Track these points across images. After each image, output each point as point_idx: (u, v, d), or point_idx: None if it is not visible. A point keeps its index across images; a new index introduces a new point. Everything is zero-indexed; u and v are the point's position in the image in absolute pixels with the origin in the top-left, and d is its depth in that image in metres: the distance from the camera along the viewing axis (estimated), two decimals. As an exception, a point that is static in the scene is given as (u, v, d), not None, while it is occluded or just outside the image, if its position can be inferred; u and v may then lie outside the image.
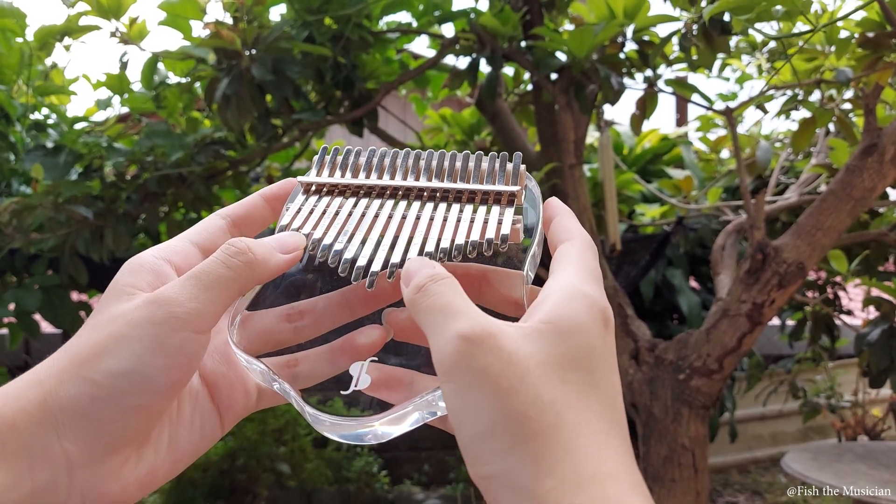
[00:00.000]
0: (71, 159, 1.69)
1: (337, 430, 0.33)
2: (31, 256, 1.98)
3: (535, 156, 1.76)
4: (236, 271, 0.32)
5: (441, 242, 0.34)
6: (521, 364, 0.27)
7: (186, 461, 0.33)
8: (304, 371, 0.35)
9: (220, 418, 0.35)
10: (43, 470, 0.28)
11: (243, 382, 0.36)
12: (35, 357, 3.59)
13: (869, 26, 1.31)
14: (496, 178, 0.37)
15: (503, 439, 0.26)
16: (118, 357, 0.29)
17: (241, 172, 1.87)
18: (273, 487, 2.80)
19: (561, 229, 0.34)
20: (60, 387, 0.29)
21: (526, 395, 0.26)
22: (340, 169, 0.39)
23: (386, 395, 0.34)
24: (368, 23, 1.65)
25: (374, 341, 0.35)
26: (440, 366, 0.28)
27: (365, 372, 0.34)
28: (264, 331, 0.36)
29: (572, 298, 0.29)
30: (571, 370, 0.28)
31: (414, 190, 0.37)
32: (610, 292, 1.60)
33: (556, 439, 0.26)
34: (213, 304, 0.31)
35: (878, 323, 1.65)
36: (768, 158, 1.89)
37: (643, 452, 1.53)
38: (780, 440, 3.77)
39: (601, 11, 1.46)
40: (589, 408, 0.27)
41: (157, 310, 0.30)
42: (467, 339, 0.27)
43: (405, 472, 3.18)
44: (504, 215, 0.35)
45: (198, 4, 1.52)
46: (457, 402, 0.27)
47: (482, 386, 0.27)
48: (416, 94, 2.24)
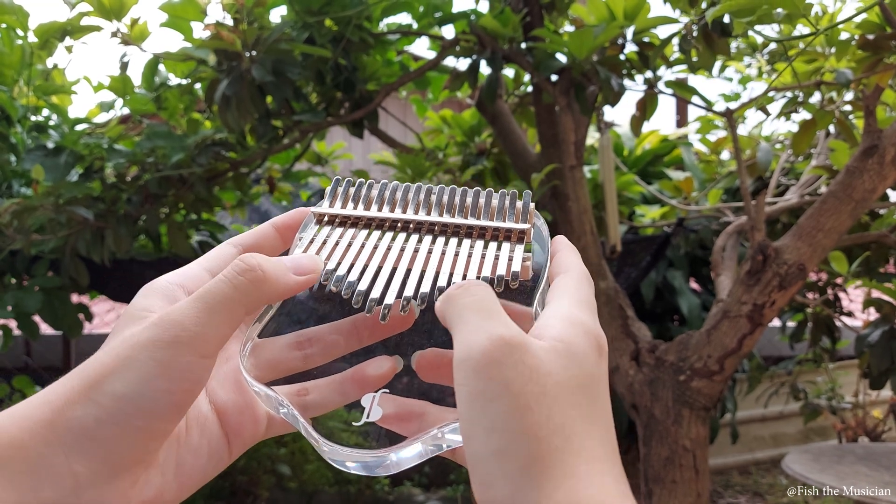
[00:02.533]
0: (71, 160, 1.69)
1: (353, 459, 0.33)
2: (32, 258, 1.98)
3: (535, 157, 1.76)
4: (242, 291, 0.32)
5: (453, 277, 0.35)
6: (540, 382, 0.27)
7: (193, 486, 0.33)
8: (313, 400, 0.35)
9: (229, 445, 0.35)
10: (49, 489, 0.28)
11: (253, 410, 0.36)
12: (35, 358, 3.59)
13: (869, 28, 1.31)
14: (506, 215, 0.38)
15: (514, 460, 0.26)
16: (124, 379, 0.29)
17: (241, 174, 1.87)
18: (273, 489, 2.80)
19: (559, 264, 0.35)
20: (68, 407, 0.29)
21: (540, 415, 0.26)
22: (353, 201, 0.39)
23: (398, 427, 0.34)
24: (369, 24, 1.65)
25: (384, 372, 0.35)
26: (463, 363, 0.27)
27: (377, 404, 0.34)
28: (274, 358, 0.36)
29: (573, 325, 0.30)
30: (580, 395, 0.28)
31: (426, 224, 0.38)
32: (610, 293, 1.60)
33: (561, 464, 0.26)
34: (218, 328, 0.31)
35: (879, 324, 1.65)
36: (769, 160, 1.89)
37: (644, 454, 1.53)
38: (781, 441, 3.77)
39: (601, 13, 1.46)
40: (591, 435, 0.27)
41: (162, 333, 0.30)
42: (501, 342, 0.27)
43: (405, 473, 3.18)
44: (514, 252, 0.36)
45: (198, 6, 1.52)
46: (473, 411, 0.27)
47: (501, 399, 0.26)
48: (417, 96, 2.24)
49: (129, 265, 2.03)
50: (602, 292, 1.59)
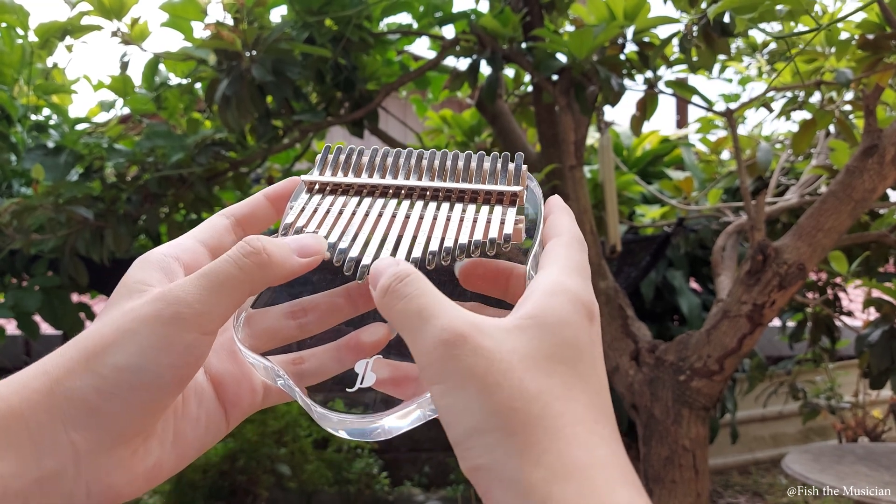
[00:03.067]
0: (71, 160, 1.69)
1: (344, 426, 0.33)
2: (32, 257, 1.98)
3: (535, 157, 1.76)
4: (248, 272, 0.32)
5: (444, 242, 0.34)
6: (505, 359, 0.27)
7: (192, 456, 0.34)
8: (309, 369, 0.36)
9: (226, 415, 0.36)
10: (49, 459, 0.28)
11: (249, 380, 0.36)
12: (35, 358, 3.59)
13: (869, 28, 1.31)
14: (498, 178, 0.37)
15: (491, 434, 0.26)
16: (125, 352, 0.29)
17: (241, 173, 1.87)
18: (273, 489, 2.80)
19: (552, 226, 0.35)
20: (67, 377, 0.29)
21: (511, 388, 0.27)
22: (343, 168, 0.39)
23: (394, 391, 0.34)
24: (369, 24, 1.65)
25: (379, 338, 0.36)
26: (425, 371, 0.28)
27: (370, 370, 0.34)
28: (269, 328, 0.36)
29: (554, 294, 0.29)
30: (556, 363, 0.28)
31: (417, 189, 0.37)
32: (610, 293, 1.60)
33: (544, 430, 0.26)
34: (220, 306, 0.31)
35: (879, 324, 1.65)
36: (769, 160, 1.89)
37: (644, 454, 1.53)
38: (781, 441, 3.77)
39: (601, 13, 1.46)
40: (574, 398, 0.27)
41: (164, 308, 0.30)
42: (447, 343, 0.27)
43: (405, 473, 3.18)
44: (507, 215, 0.36)
45: (199, 5, 1.52)
46: (445, 402, 0.27)
47: (468, 384, 0.27)
48: (417, 96, 2.24)
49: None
50: (602, 292, 1.59)
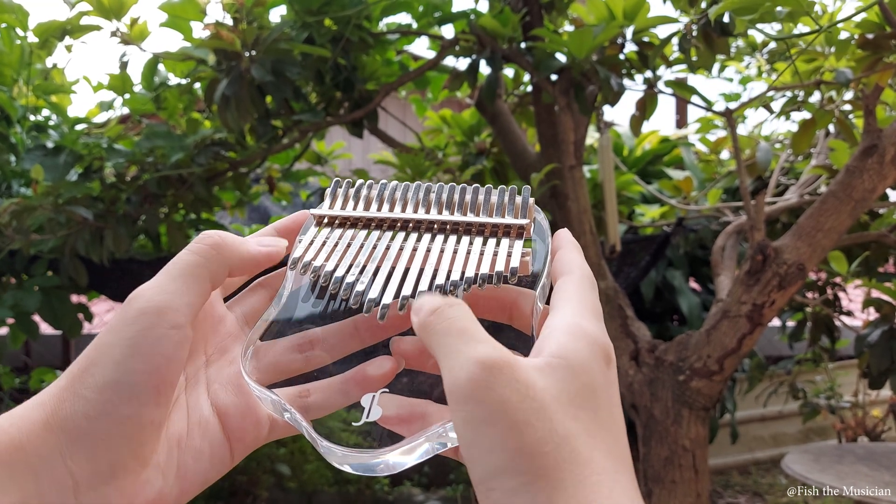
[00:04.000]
0: (71, 160, 1.69)
1: (349, 460, 0.33)
2: (31, 258, 1.98)
3: (534, 157, 1.76)
4: (203, 255, 0.33)
5: (451, 275, 0.35)
6: (538, 397, 0.26)
7: (195, 490, 0.33)
8: (315, 402, 0.35)
9: (231, 449, 0.35)
10: (50, 492, 0.28)
11: (255, 413, 0.36)
12: (35, 358, 3.59)
13: (868, 27, 1.31)
14: (505, 210, 0.38)
15: (517, 477, 0.25)
16: (101, 368, 0.30)
17: (241, 174, 1.87)
18: (273, 489, 2.80)
19: (562, 262, 0.34)
20: (60, 406, 0.29)
21: (542, 429, 0.26)
22: (353, 201, 0.40)
23: (400, 428, 0.34)
24: (368, 24, 1.65)
25: (386, 372, 0.35)
26: (454, 392, 0.27)
27: (377, 403, 0.34)
28: (276, 361, 0.36)
29: (575, 337, 0.29)
30: (580, 408, 0.27)
31: (425, 222, 0.38)
32: (610, 293, 1.60)
33: (571, 475, 0.25)
34: (182, 295, 0.32)
35: (879, 324, 1.65)
36: (768, 159, 1.89)
37: (643, 454, 1.53)
38: (781, 441, 3.77)
39: (601, 13, 1.46)
40: (596, 446, 0.27)
41: (127, 309, 0.31)
42: (485, 366, 0.26)
43: (405, 473, 3.18)
44: (513, 248, 0.36)
45: (198, 5, 1.52)
46: (469, 435, 0.26)
47: (497, 419, 0.26)
48: (416, 96, 2.24)
49: (128, 265, 2.03)
50: (601, 292, 1.59)
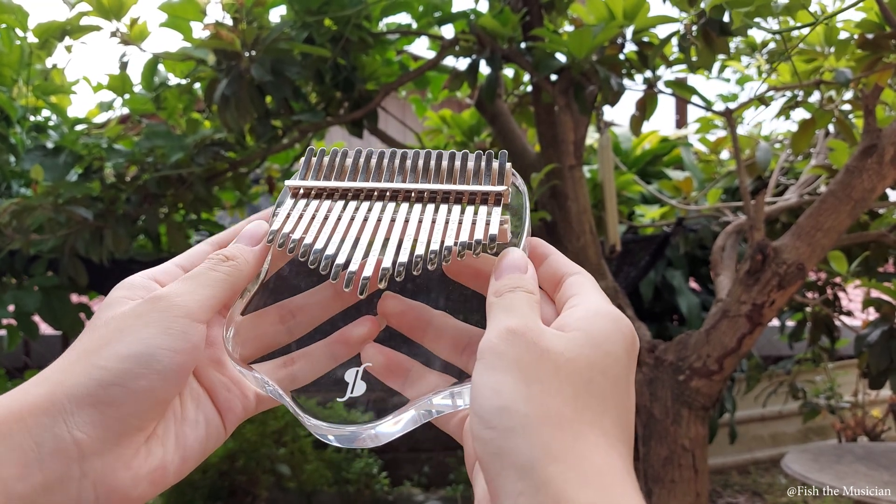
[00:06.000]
0: (71, 160, 1.69)
1: (333, 432, 0.34)
2: (31, 257, 1.98)
3: (534, 157, 1.76)
4: (225, 273, 0.35)
5: (431, 245, 0.34)
6: (552, 359, 0.28)
7: (195, 459, 0.34)
8: (302, 368, 0.37)
9: (223, 420, 0.36)
10: (53, 461, 0.28)
11: (241, 387, 0.37)
12: (34, 358, 3.59)
13: (868, 27, 1.31)
14: (482, 177, 0.37)
15: (518, 417, 0.26)
16: (126, 343, 0.31)
17: (240, 174, 1.87)
18: (273, 489, 2.80)
19: (562, 263, 0.36)
20: (68, 377, 0.30)
21: (550, 385, 0.27)
22: (327, 171, 0.39)
23: (386, 377, 0.35)
24: (368, 24, 1.65)
25: (368, 331, 0.36)
26: (482, 347, 0.29)
27: (360, 378, 0.35)
28: (259, 335, 0.37)
29: (600, 315, 0.31)
30: (596, 374, 0.29)
31: (401, 192, 0.37)
32: (610, 293, 1.60)
33: (571, 432, 0.26)
34: (208, 299, 0.34)
35: (878, 324, 1.65)
36: (768, 159, 1.89)
37: (643, 454, 1.53)
38: (780, 441, 3.77)
39: (600, 13, 1.46)
40: (605, 414, 0.28)
41: (158, 301, 0.32)
42: (511, 331, 0.29)
43: (405, 473, 3.18)
44: (492, 215, 0.35)
45: (198, 6, 1.52)
46: (482, 379, 0.28)
47: (510, 369, 0.28)
48: (416, 96, 2.24)
49: (128, 265, 2.03)
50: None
